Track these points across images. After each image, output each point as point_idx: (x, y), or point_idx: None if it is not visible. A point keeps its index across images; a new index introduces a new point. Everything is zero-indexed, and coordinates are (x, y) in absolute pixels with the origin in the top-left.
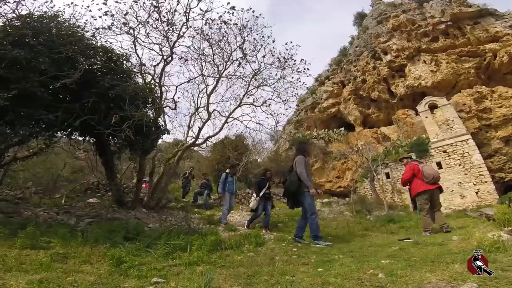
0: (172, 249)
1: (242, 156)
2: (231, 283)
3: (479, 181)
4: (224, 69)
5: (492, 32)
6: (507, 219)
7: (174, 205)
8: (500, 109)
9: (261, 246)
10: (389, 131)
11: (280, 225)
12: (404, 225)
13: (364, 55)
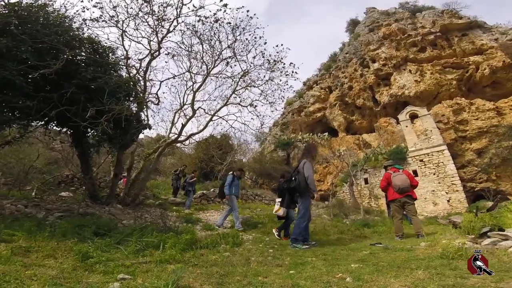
0: (144, 247)
1: (227, 156)
2: (201, 282)
3: (451, 190)
4: (212, 67)
5: (478, 44)
6: (472, 227)
7: (151, 202)
8: (476, 121)
9: (238, 246)
10: (371, 138)
11: (260, 226)
12: (377, 230)
13: (353, 62)
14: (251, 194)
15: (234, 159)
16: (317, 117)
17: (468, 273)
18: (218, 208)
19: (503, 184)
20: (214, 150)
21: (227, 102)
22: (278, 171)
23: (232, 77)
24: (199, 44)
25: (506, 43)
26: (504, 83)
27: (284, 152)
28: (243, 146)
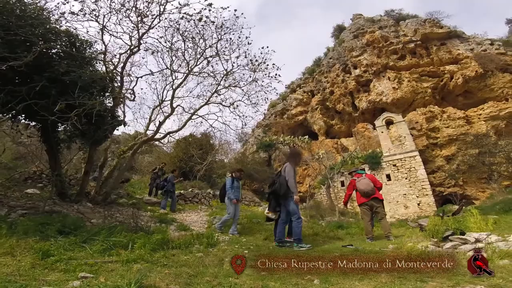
0: (111, 246)
1: (207, 155)
2: (168, 282)
3: (421, 194)
4: (195, 65)
5: (455, 54)
6: (436, 230)
7: (124, 202)
8: (447, 129)
9: (213, 247)
10: (348, 142)
11: (238, 227)
12: (350, 232)
13: (335, 67)
14: None
15: (215, 159)
16: (298, 120)
17: (429, 277)
18: (196, 208)
19: (469, 189)
20: (194, 149)
21: (208, 101)
22: (259, 172)
23: (215, 76)
24: (181, 41)
25: (480, 53)
26: (475, 93)
27: (266, 153)
28: (225, 146)
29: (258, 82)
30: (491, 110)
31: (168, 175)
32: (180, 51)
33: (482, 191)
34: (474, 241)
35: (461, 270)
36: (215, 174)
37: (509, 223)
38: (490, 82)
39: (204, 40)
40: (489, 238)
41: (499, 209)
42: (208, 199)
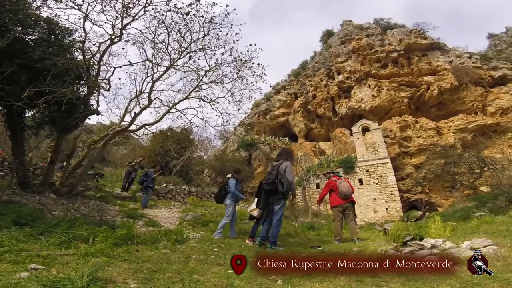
0: (70, 239)
1: (185, 151)
2: (126, 277)
3: (390, 199)
4: (178, 58)
5: (434, 65)
6: (398, 235)
7: (92, 194)
8: (418, 139)
9: (181, 244)
10: (326, 146)
11: (211, 224)
12: (320, 233)
13: (320, 71)
14: (207, 192)
15: (193, 155)
16: (280, 121)
17: (385, 281)
18: (169, 204)
19: (434, 196)
20: (172, 144)
21: (188, 95)
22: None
23: (198, 71)
24: (165, 34)
25: (458, 66)
26: (447, 105)
27: (247, 152)
28: (205, 142)
29: (243, 80)
30: (460, 123)
31: (148, 170)
32: (163, 43)
33: (446, 199)
34: (430, 247)
35: (418, 276)
36: (192, 170)
37: (466, 230)
38: (462, 94)
39: (191, 34)
40: (444, 245)
41: (458, 216)
42: (183, 195)
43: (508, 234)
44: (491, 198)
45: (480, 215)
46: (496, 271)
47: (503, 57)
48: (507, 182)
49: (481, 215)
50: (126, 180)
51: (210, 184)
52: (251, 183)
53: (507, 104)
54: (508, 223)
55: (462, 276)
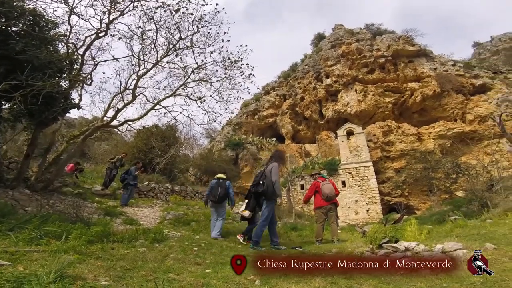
0: (41, 235)
1: (170, 148)
2: (97, 274)
3: (371, 202)
4: (166, 54)
5: (419, 72)
6: (375, 237)
7: (69, 190)
8: (400, 144)
9: (160, 242)
10: (312, 148)
11: (193, 223)
12: (302, 234)
13: (309, 74)
14: (190, 191)
15: (178, 153)
16: (268, 122)
17: (358, 283)
18: (150, 203)
19: (413, 200)
20: (157, 141)
21: (174, 92)
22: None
23: (185, 68)
24: (154, 30)
25: (442, 73)
26: (429, 111)
27: (234, 152)
28: (191, 140)
29: (231, 80)
30: (440, 129)
31: (130, 168)
32: (150, 39)
33: (424, 202)
34: (404, 249)
35: (390, 278)
36: (176, 169)
37: (440, 233)
38: (444, 102)
39: (180, 31)
40: (417, 247)
41: (434, 220)
42: (165, 194)
43: (478, 238)
44: (465, 202)
45: (454, 219)
46: (464, 274)
47: (485, 66)
48: (480, 187)
49: (456, 219)
50: (107, 177)
51: (195, 183)
52: (237, 183)
53: (485, 112)
54: (479, 227)
55: (432, 279)
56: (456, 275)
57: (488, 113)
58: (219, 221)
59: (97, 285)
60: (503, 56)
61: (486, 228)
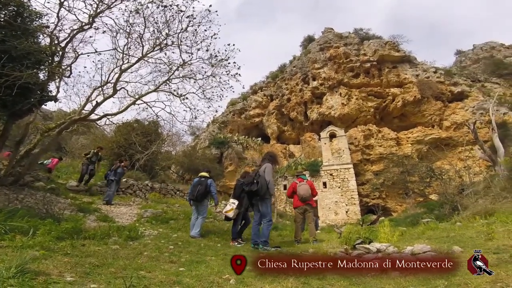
0: (6, 231)
1: (151, 145)
2: (63, 270)
3: (350, 203)
4: (152, 50)
5: (402, 78)
6: (349, 238)
7: (41, 185)
8: (379, 147)
9: (135, 240)
10: (296, 149)
11: (172, 222)
12: (282, 233)
13: (297, 76)
14: (171, 189)
15: (160, 149)
16: (255, 121)
17: (330, 284)
18: (128, 200)
19: (390, 202)
20: (138, 136)
21: (157, 88)
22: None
23: (170, 64)
24: (142, 24)
25: (423, 79)
26: (409, 117)
27: (218, 150)
28: (174, 137)
29: (216, 77)
30: (418, 135)
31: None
32: (137, 33)
33: (400, 204)
34: (376, 251)
35: (361, 279)
36: (158, 165)
37: (413, 235)
38: (423, 108)
39: (168, 27)
40: (388, 249)
41: (409, 222)
42: (144, 191)
43: (447, 241)
44: (438, 205)
45: (427, 222)
46: (431, 276)
47: (464, 74)
48: (451, 191)
49: (428, 221)
50: (82, 174)
51: (177, 181)
52: (220, 181)
53: (461, 119)
54: (449, 230)
55: (400, 281)
56: (422, 277)
57: (464, 120)
58: (199, 219)
59: (61, 281)
60: (483, 64)
61: (455, 231)
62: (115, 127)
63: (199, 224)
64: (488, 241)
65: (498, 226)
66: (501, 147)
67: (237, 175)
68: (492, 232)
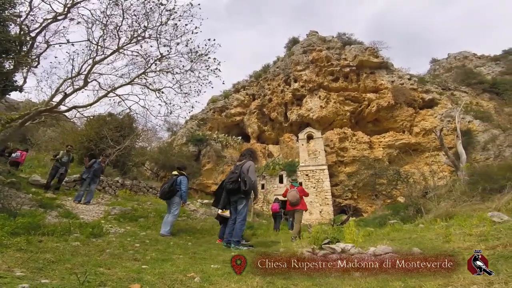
0: None
1: (124, 139)
2: (13, 265)
3: (324, 203)
4: (128, 42)
5: (378, 83)
6: (317, 237)
7: (0, 179)
8: (353, 150)
9: (98, 237)
10: (274, 149)
11: (142, 220)
12: (256, 232)
13: (279, 77)
14: (144, 186)
15: (134, 145)
16: (236, 120)
17: (294, 284)
18: (96, 196)
19: (361, 203)
20: (110, 130)
21: (132, 81)
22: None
23: (147, 57)
24: (119, 16)
25: (398, 86)
26: (382, 122)
27: (196, 147)
28: (149, 133)
29: (194, 72)
30: (390, 139)
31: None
32: (113, 25)
33: (370, 205)
34: (340, 251)
35: (324, 280)
36: (131, 161)
37: (379, 236)
38: (396, 113)
39: (148, 20)
40: (352, 249)
41: (377, 222)
42: (114, 188)
43: (409, 242)
44: (403, 208)
45: (393, 223)
46: (390, 278)
47: (437, 82)
48: (416, 194)
49: (394, 223)
50: (51, 178)
51: (151, 178)
52: (197, 179)
53: (430, 125)
54: (412, 231)
55: (360, 282)
56: (382, 279)
57: (432, 127)
58: (170, 217)
59: (9, 275)
60: (454, 73)
61: (417, 232)
62: (87, 120)
63: (169, 223)
64: (446, 244)
65: (456, 229)
66: (463, 153)
67: (215, 173)
68: (450, 235)
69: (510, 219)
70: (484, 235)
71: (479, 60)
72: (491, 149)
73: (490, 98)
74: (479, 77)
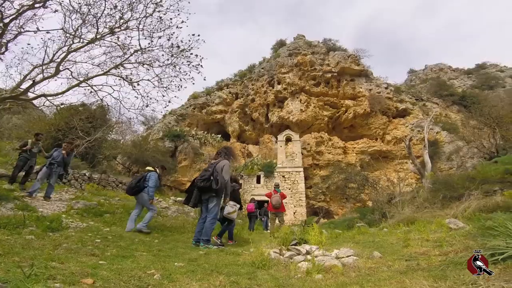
0: None
1: (96, 131)
2: None
3: (298, 204)
4: (107, 33)
5: (356, 91)
6: (286, 238)
7: None
8: (328, 154)
9: (56, 232)
10: (254, 149)
11: (107, 215)
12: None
13: (263, 78)
14: (113, 181)
15: (106, 137)
16: (216, 118)
17: (257, 285)
18: (61, 189)
19: (333, 205)
20: (81, 121)
21: (107, 71)
22: (159, 162)
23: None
24: (102, 5)
25: (374, 94)
26: (357, 128)
27: (173, 143)
28: (123, 125)
29: (175, 67)
30: (363, 146)
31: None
32: (92, 14)
33: (341, 208)
34: (305, 252)
35: (286, 281)
36: (101, 154)
37: (345, 238)
38: (370, 121)
39: (132, 11)
40: (316, 251)
41: (345, 225)
42: (81, 181)
43: (372, 246)
44: (370, 211)
45: (360, 226)
46: (349, 281)
47: (411, 92)
48: (382, 199)
49: (361, 226)
50: (18, 170)
51: (122, 173)
52: (172, 176)
53: (401, 134)
54: (375, 235)
55: (321, 285)
56: (341, 282)
57: (403, 136)
58: (148, 213)
59: None
60: (429, 84)
61: (381, 236)
62: (57, 109)
63: (147, 218)
64: (404, 248)
65: (415, 234)
66: (429, 162)
67: (191, 170)
68: (409, 240)
69: (465, 226)
70: (440, 241)
71: (453, 73)
72: (454, 159)
73: (459, 110)
74: (450, 89)
